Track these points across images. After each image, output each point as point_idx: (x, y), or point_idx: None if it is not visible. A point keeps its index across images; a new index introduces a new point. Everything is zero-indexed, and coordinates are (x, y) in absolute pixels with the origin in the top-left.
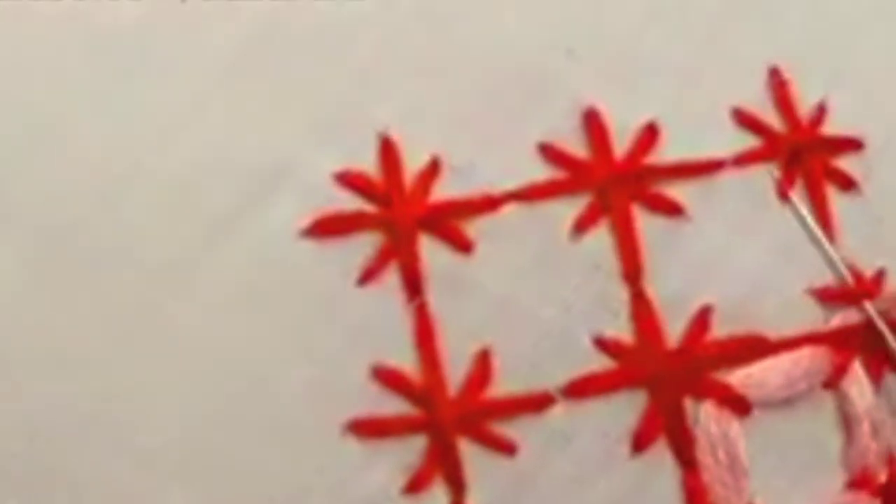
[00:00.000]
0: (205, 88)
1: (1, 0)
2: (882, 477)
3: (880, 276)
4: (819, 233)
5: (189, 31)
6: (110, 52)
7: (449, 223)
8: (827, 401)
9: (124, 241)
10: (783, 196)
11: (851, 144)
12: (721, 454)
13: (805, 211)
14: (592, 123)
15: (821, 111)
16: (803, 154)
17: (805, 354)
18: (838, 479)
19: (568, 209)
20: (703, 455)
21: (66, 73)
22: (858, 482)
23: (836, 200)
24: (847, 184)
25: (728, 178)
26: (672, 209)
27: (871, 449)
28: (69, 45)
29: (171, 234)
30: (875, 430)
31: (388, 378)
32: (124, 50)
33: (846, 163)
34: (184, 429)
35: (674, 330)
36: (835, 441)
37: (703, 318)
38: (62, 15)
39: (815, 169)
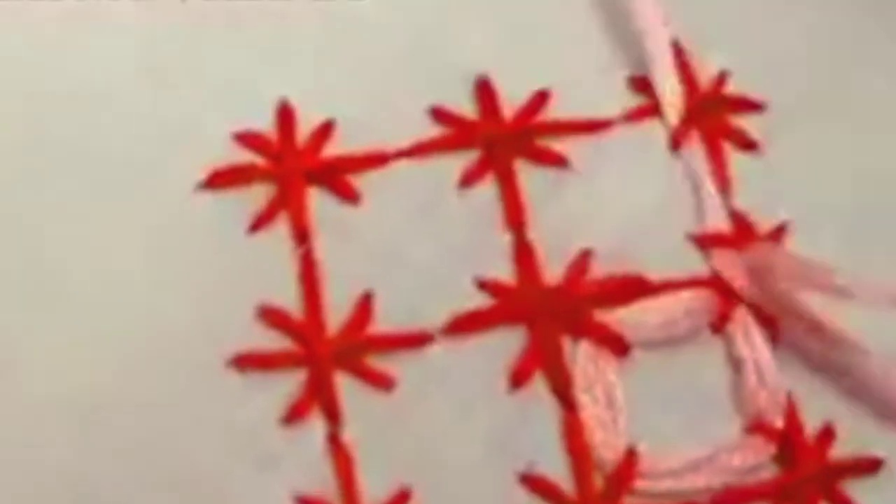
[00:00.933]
0: (125, 56)
1: None
2: (779, 422)
3: (780, 230)
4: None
5: (112, 13)
6: (42, 29)
7: (337, 177)
8: (715, 345)
9: (38, 197)
10: (674, 147)
11: (751, 105)
12: (598, 393)
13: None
14: (483, 88)
15: (722, 76)
16: (701, 111)
17: (685, 296)
18: (734, 424)
19: (455, 164)
20: (581, 394)
21: None
22: (753, 427)
23: (736, 158)
24: (747, 144)
25: (618, 133)
26: (557, 161)
27: (760, 394)
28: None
29: (80, 187)
30: (761, 376)
31: (271, 317)
32: (56, 26)
33: (748, 124)
34: (71, 360)
35: (555, 272)
36: (726, 385)
37: (583, 260)
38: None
39: (712, 126)
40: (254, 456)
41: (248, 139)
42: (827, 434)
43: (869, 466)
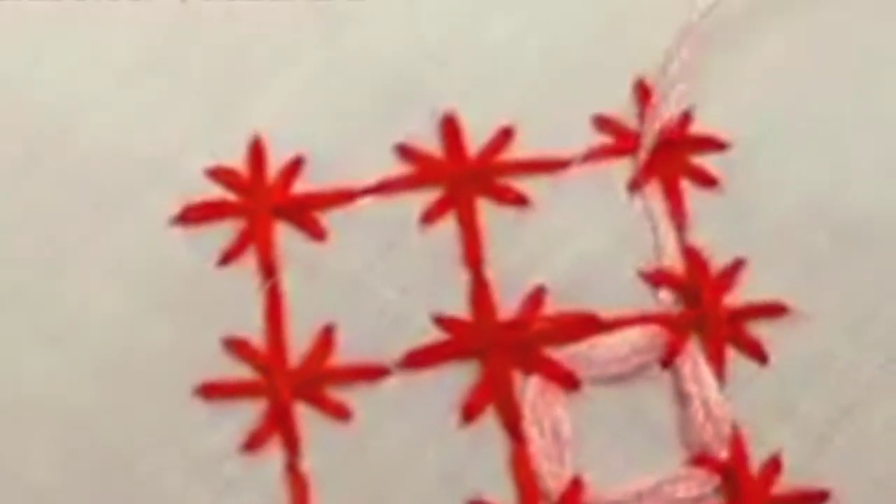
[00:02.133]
0: (104, 86)
1: None
2: (723, 455)
3: (738, 265)
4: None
5: (95, 31)
6: (19, 43)
7: (305, 213)
8: (663, 380)
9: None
10: (634, 188)
11: (713, 144)
12: (546, 427)
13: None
14: (448, 126)
15: (685, 117)
16: (661, 151)
17: (635, 333)
18: (679, 457)
19: (418, 202)
20: (530, 427)
21: None
22: (698, 460)
23: (694, 195)
24: (707, 181)
25: (579, 173)
26: (517, 200)
27: (705, 428)
28: None
29: (59, 220)
30: (707, 410)
31: (236, 348)
32: (34, 41)
33: (709, 162)
34: (48, 385)
35: (509, 308)
36: (673, 419)
37: (536, 296)
38: None
39: (671, 164)
40: (213, 482)
41: (219, 174)
42: (773, 466)
43: (815, 499)
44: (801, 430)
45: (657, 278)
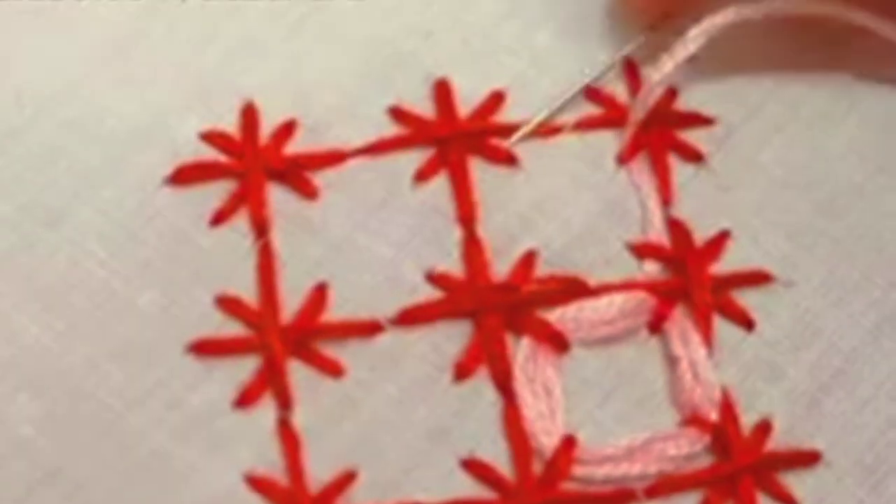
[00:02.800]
0: (98, 56)
1: None
2: (714, 416)
3: (722, 236)
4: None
5: (85, 7)
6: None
7: (297, 173)
8: (652, 344)
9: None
10: (622, 161)
11: (700, 119)
12: (538, 387)
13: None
14: (440, 91)
15: (671, 93)
16: (650, 125)
17: (622, 297)
18: (670, 418)
19: (410, 161)
20: (521, 387)
21: None
22: (689, 420)
23: (681, 170)
24: (693, 155)
25: (567, 138)
26: (508, 160)
27: (695, 391)
28: None
29: (53, 181)
30: (696, 374)
31: (228, 305)
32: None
33: (696, 137)
34: (38, 340)
35: (501, 269)
36: (663, 383)
37: (528, 260)
38: None
39: (659, 138)
40: (206, 437)
41: (213, 137)
42: (764, 428)
43: (806, 459)
44: (791, 394)
45: (643, 250)
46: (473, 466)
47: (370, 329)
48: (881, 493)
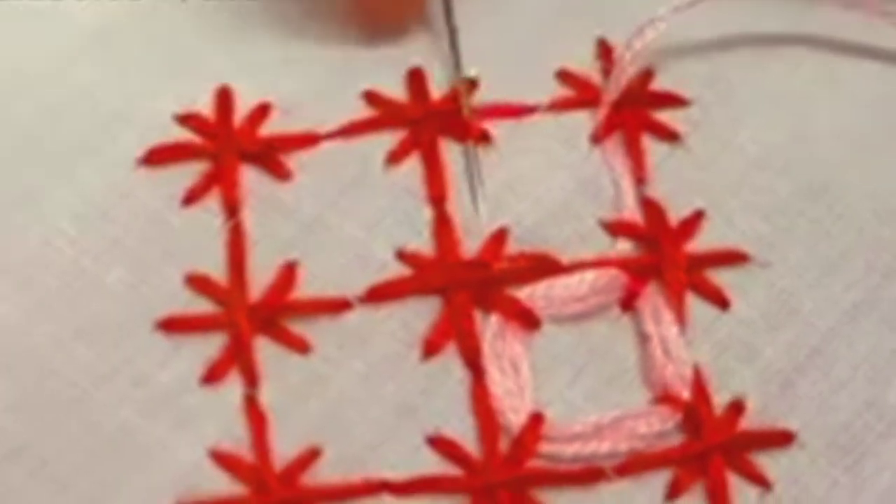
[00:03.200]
0: (75, 44)
1: None
2: (685, 394)
3: (697, 216)
4: None
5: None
6: None
7: (271, 155)
8: (624, 322)
9: None
10: (596, 141)
11: (675, 100)
12: (506, 364)
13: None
14: (415, 77)
15: (646, 74)
16: (624, 106)
17: (593, 274)
18: (641, 396)
19: (383, 143)
20: (489, 363)
21: None
22: (660, 398)
23: (656, 149)
24: (668, 135)
25: (541, 119)
26: (481, 138)
27: (666, 369)
28: None
29: (26, 161)
30: (667, 352)
31: (197, 283)
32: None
33: (672, 117)
34: (5, 319)
35: (471, 248)
36: (634, 360)
37: (498, 237)
38: None
39: (633, 118)
40: (173, 414)
41: (187, 119)
42: (736, 407)
43: (779, 439)
44: (765, 374)
45: (616, 228)
46: (440, 443)
47: (339, 306)
48: (856, 473)
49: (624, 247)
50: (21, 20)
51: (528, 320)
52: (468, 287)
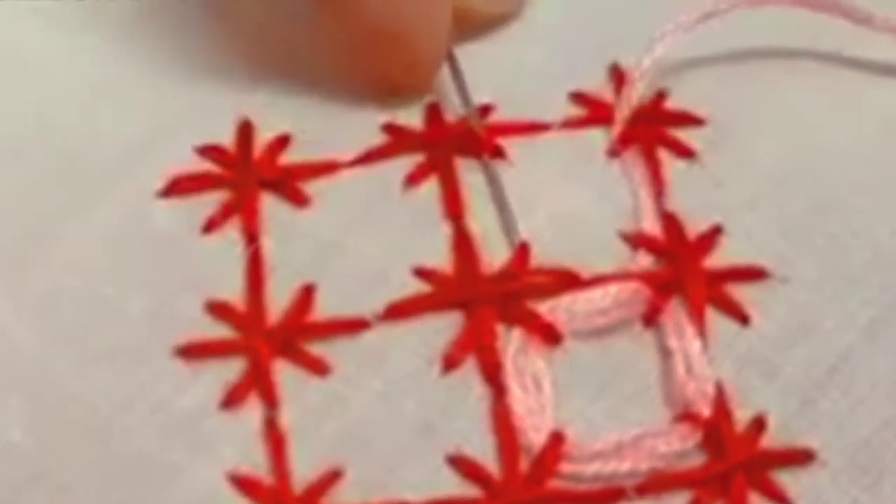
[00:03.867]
0: (94, 76)
1: None
2: (707, 412)
3: (715, 231)
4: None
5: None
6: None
7: (290, 183)
8: (646, 337)
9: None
10: (613, 155)
11: (689, 119)
12: (528, 380)
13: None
14: (430, 108)
15: (660, 95)
16: (639, 123)
17: (615, 288)
18: (662, 413)
19: (400, 168)
20: (511, 380)
21: None
22: (681, 416)
23: (672, 165)
24: (684, 152)
25: (556, 136)
26: (497, 154)
27: (688, 385)
28: None
29: (49, 194)
30: (690, 367)
31: (216, 309)
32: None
33: (688, 135)
34: (27, 346)
35: (490, 262)
36: (656, 376)
37: (519, 251)
38: None
39: (649, 135)
40: (192, 438)
41: (207, 151)
42: (758, 424)
43: (800, 457)
44: (786, 391)
45: (636, 240)
46: (460, 463)
47: (356, 326)
48: (876, 493)
49: (644, 260)
50: (29, 46)
51: (550, 335)
52: (489, 301)
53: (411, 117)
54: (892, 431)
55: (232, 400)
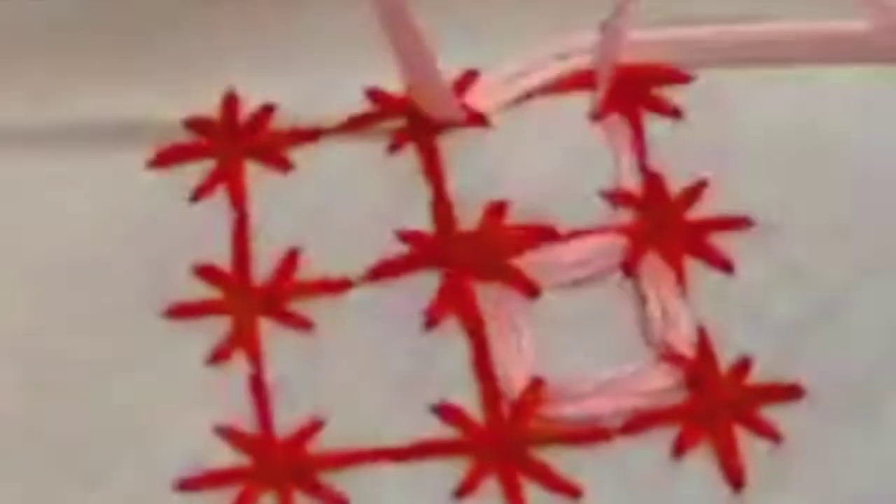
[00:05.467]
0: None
1: None
2: (689, 353)
3: (700, 184)
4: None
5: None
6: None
7: (274, 151)
8: (625, 287)
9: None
10: (594, 118)
11: (677, 76)
12: (507, 332)
13: None
14: None
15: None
16: (623, 84)
17: (593, 240)
18: (643, 357)
19: (382, 135)
20: (491, 332)
21: None
22: (665, 358)
23: (657, 124)
24: (670, 111)
25: (540, 100)
26: (478, 121)
27: (669, 330)
28: None
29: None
30: (671, 314)
31: (203, 272)
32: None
33: (674, 93)
34: (21, 310)
35: (470, 222)
36: (636, 323)
37: (497, 211)
38: None
39: (633, 96)
40: (179, 394)
41: (194, 123)
42: (743, 364)
43: (788, 393)
44: (771, 334)
45: (616, 196)
46: (443, 411)
47: (340, 286)
48: (869, 426)
49: (624, 216)
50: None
51: (529, 288)
52: (468, 258)
53: (395, 83)
54: (885, 367)
55: (218, 357)
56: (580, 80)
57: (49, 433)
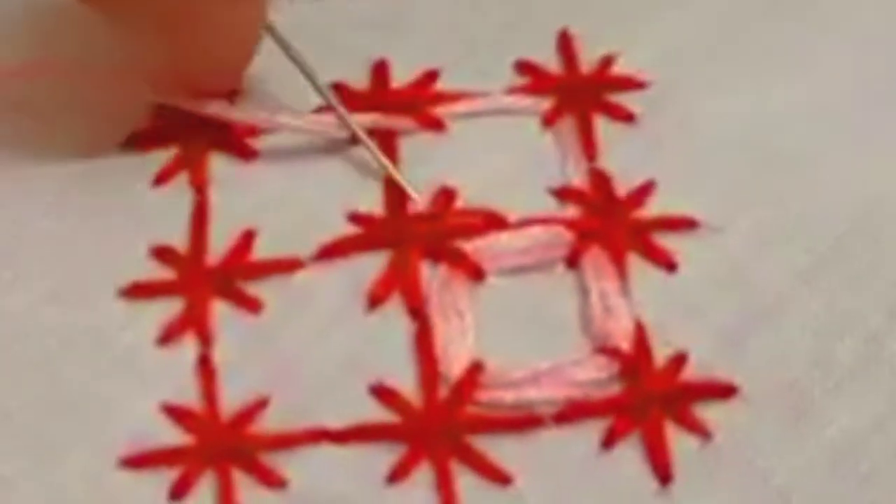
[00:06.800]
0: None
1: None
2: (626, 346)
3: (648, 186)
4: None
5: None
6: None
7: (236, 140)
8: (567, 277)
9: None
10: (546, 123)
11: (632, 83)
12: (450, 313)
13: None
14: (377, 68)
15: (606, 61)
16: (579, 91)
17: (539, 229)
18: (582, 347)
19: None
20: (434, 313)
21: None
22: (601, 350)
23: (609, 129)
24: (624, 116)
25: (494, 105)
26: (434, 125)
27: (608, 323)
28: None
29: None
30: (609, 307)
31: (160, 253)
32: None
33: (628, 99)
34: None
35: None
36: (576, 314)
37: (447, 195)
38: None
39: (587, 102)
40: (130, 373)
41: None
42: (678, 360)
43: (721, 391)
44: (711, 333)
45: (564, 193)
46: (381, 392)
47: (290, 266)
48: (801, 428)
49: (571, 211)
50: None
51: (474, 271)
52: (415, 240)
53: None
54: (822, 370)
55: (168, 336)
56: (537, 86)
57: (4, 407)
